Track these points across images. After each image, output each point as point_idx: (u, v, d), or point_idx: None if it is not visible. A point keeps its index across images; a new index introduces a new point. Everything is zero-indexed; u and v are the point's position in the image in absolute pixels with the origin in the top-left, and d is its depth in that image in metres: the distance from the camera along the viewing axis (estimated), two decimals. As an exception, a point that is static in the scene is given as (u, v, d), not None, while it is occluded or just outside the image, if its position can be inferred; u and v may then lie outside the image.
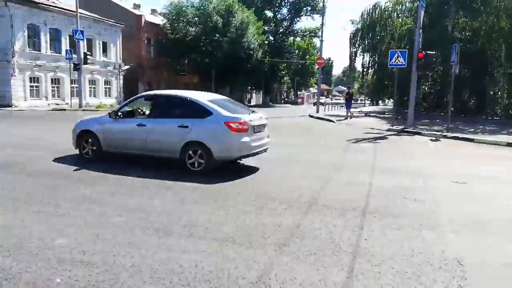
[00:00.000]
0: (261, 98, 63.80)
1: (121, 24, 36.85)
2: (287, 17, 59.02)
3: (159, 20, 44.17)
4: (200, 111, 7.11)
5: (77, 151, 8.16)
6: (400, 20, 31.80)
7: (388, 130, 16.63)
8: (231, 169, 7.45)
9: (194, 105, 7.27)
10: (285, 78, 68.55)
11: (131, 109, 8.53)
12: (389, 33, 31.39)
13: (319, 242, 3.91)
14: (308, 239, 3.99)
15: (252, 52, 44.01)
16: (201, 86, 44.03)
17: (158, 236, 3.95)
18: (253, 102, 64.22)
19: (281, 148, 9.78)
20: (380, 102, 65.02)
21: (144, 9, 46.51)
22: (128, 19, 38.82)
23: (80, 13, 28.32)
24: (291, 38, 62.36)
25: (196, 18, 41.17)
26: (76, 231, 4.03)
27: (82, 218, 4.45)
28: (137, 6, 44.89)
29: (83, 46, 28.50)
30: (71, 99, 28.99)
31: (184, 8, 41.59)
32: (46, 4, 29.58)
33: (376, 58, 34.22)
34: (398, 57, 16.65)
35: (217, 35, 39.79)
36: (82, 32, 27.15)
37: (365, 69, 36.74)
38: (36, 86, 28.96)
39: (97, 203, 5.06)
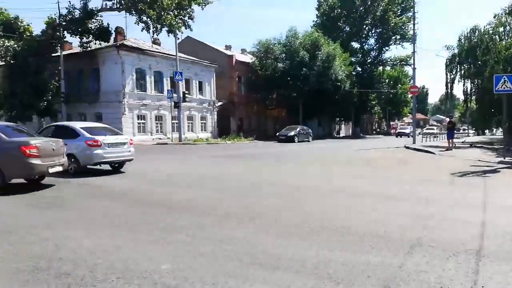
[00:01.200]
0: (350, 129, 62.32)
1: (214, 64, 39.79)
2: (374, 47, 57.70)
3: (248, 58, 46.60)
4: (74, 134, 11.20)
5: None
6: (504, 42, 28.89)
7: (500, 162, 14.81)
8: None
9: (71, 130, 11.47)
10: (375, 108, 66.41)
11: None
12: (493, 57, 28.62)
13: (427, 286, 3.53)
14: (413, 282, 3.63)
15: (339, 83, 43.71)
16: (289, 119, 44.82)
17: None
18: (342, 134, 62.89)
19: (375, 181, 9.31)
20: (486, 131, 59.03)
21: (235, 49, 49.52)
22: (221, 59, 41.81)
23: (179, 56, 31.27)
24: (380, 67, 60.64)
25: (283, 54, 42.46)
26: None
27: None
28: (228, 47, 48.19)
29: (182, 86, 31.35)
30: (171, 134, 32.10)
31: (271, 46, 43.24)
32: (151, 50, 33.35)
33: (478, 84, 31.38)
34: (505, 82, 14.95)
35: (304, 69, 40.47)
36: (181, 73, 30.02)
37: (467, 96, 33.87)
38: (142, 123, 32.36)
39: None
